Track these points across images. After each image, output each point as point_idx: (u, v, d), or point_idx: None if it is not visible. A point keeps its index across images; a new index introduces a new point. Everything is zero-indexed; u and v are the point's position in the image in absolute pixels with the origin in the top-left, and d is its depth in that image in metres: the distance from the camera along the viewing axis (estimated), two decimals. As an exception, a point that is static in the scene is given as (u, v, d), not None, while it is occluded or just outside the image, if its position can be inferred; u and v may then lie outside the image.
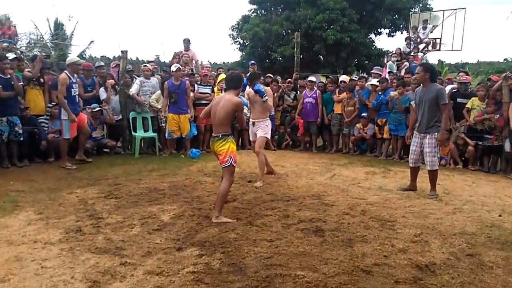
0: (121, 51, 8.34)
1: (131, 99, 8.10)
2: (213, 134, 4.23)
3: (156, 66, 9.99)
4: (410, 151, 5.40)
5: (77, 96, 6.74)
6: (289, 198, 4.89)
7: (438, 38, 14.36)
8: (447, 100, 5.25)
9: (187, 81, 8.05)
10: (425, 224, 3.99)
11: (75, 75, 6.80)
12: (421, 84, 5.31)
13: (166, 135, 7.95)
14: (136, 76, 8.68)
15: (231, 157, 4.08)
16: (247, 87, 5.98)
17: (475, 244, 3.47)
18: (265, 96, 5.51)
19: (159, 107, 8.05)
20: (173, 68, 7.94)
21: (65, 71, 6.56)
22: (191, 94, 8.29)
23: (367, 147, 8.78)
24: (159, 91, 8.17)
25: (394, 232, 3.73)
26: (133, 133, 8.02)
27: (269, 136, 6.02)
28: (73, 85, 6.57)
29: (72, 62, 6.67)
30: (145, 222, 3.93)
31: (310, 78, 9.37)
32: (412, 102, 7.35)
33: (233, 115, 4.16)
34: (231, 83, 4.35)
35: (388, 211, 4.41)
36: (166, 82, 7.91)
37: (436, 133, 5.09)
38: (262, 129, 5.75)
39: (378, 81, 8.56)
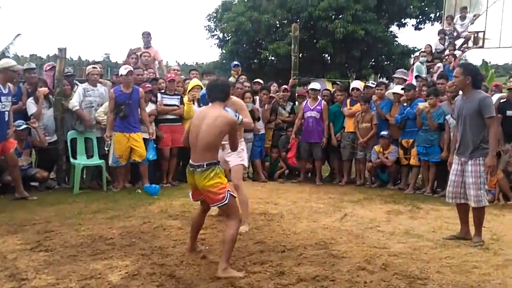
0: (58, 48, 8.37)
1: (70, 113, 8.08)
2: (191, 163, 4.24)
3: (103, 69, 10.04)
4: (449, 182, 5.43)
5: (6, 113, 6.82)
6: (284, 248, 4.85)
7: (481, 32, 14.72)
8: (495, 113, 5.28)
9: (141, 89, 8.10)
10: (468, 282, 3.99)
11: (8, 84, 6.89)
12: (461, 92, 5.39)
13: (110, 161, 7.93)
14: (78, 83, 8.71)
15: (227, 190, 4.14)
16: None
17: (535, 310, 3.48)
18: (238, 116, 5.17)
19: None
20: (122, 70, 7.97)
21: None
22: (152, 106, 8.31)
23: (388, 177, 8.86)
24: (107, 103, 8.18)
25: (426, 294, 3.72)
26: (71, 160, 7.99)
27: (246, 163, 5.98)
28: (2, 98, 6.66)
29: (5, 67, 6.75)
30: (86, 285, 3.85)
31: (312, 85, 9.51)
32: (448, 117, 7.52)
33: (223, 137, 4.22)
34: (216, 94, 4.38)
35: (418, 264, 4.41)
36: (112, 90, 7.97)
37: (481, 158, 5.11)
38: (236, 154, 5.57)
39: (402, 89, 8.72)
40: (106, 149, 7.94)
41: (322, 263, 4.40)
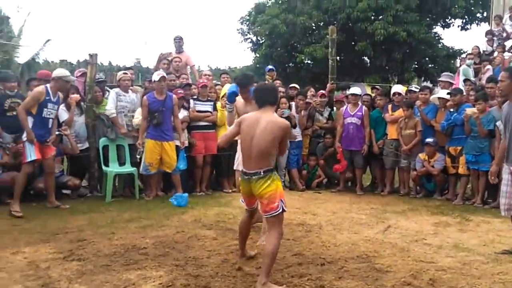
0: (89, 54, 8.58)
1: (101, 120, 8.26)
2: (246, 171, 4.28)
3: (134, 74, 10.20)
4: (501, 193, 5.34)
5: (50, 120, 7.08)
6: (324, 260, 4.83)
7: (532, 32, 14.36)
8: None
9: (174, 95, 8.20)
10: (524, 300, 3.88)
11: (59, 93, 7.16)
12: (508, 97, 5.32)
13: (141, 169, 8.05)
14: (109, 89, 8.89)
15: (281, 201, 4.17)
16: (236, 95, 5.73)
17: None
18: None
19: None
20: (155, 76, 8.08)
21: (46, 85, 7.02)
22: (184, 112, 8.41)
23: (435, 187, 8.73)
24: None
25: (479, 312, 3.64)
26: (104, 167, 8.13)
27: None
28: (49, 104, 6.95)
29: (59, 76, 7.05)
30: (120, 295, 3.91)
31: (352, 90, 9.47)
32: (499, 123, 7.35)
33: (277, 143, 4.26)
34: (266, 97, 4.40)
35: (468, 280, 4.32)
36: (145, 97, 8.08)
37: None
38: None
39: (448, 93, 8.58)
40: (138, 156, 8.07)
41: (365, 277, 4.35)
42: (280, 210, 4.14)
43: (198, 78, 10.03)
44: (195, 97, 8.85)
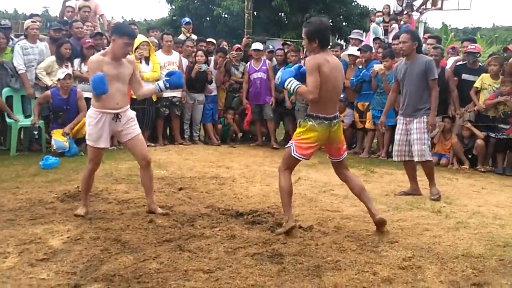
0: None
1: (4, 69, 7.78)
2: (327, 116, 4.24)
3: (41, 23, 9.66)
4: (395, 142, 5.97)
5: None
6: (236, 212, 4.92)
7: (439, -7, 14.97)
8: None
9: (79, 90, 7.91)
10: (418, 244, 4.15)
11: None
12: (404, 57, 5.81)
13: (54, 147, 7.60)
14: (13, 38, 8.40)
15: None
16: None
17: (483, 270, 3.65)
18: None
19: (49, 83, 7.83)
20: (60, 74, 7.66)
21: None
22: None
23: (344, 141, 9.01)
24: (49, 59, 8.02)
25: (377, 256, 3.85)
26: (7, 119, 7.77)
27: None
28: None
29: None
30: (25, 250, 3.79)
31: (255, 46, 9.43)
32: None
33: None
34: (328, 35, 4.41)
35: (370, 227, 4.55)
36: (49, 91, 7.72)
37: (425, 116, 5.70)
38: (134, 123, 4.83)
39: (358, 50, 8.80)
40: (35, 132, 7.82)
41: (273, 226, 4.49)
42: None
43: (108, 28, 9.61)
44: (107, 47, 8.48)
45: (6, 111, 7.69)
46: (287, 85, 4.28)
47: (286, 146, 4.47)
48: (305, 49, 9.54)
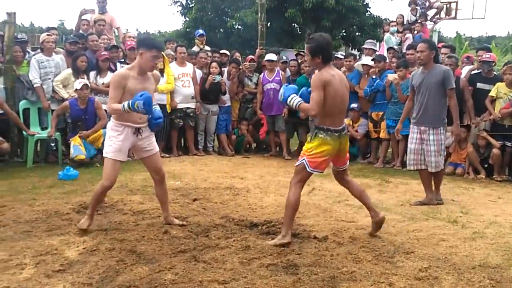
0: (7, 13, 8.14)
1: (21, 82, 7.89)
2: (336, 128, 4.34)
3: (57, 36, 9.80)
4: (408, 150, 5.98)
5: None
6: (250, 222, 4.91)
7: (453, 2, 14.92)
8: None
9: (97, 99, 7.95)
10: (435, 254, 4.12)
11: None
12: (421, 66, 5.83)
13: (72, 154, 7.67)
14: (29, 51, 8.52)
15: None
16: None
17: (501, 281, 3.61)
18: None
19: (66, 96, 7.93)
20: (77, 84, 7.72)
21: None
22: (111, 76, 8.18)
23: (358, 151, 9.00)
24: (66, 71, 8.09)
25: (393, 266, 3.83)
26: (24, 132, 7.83)
27: None
28: None
29: None
30: (42, 261, 3.81)
31: (268, 56, 9.46)
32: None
33: None
34: (331, 51, 4.49)
35: (386, 237, 4.53)
36: (67, 102, 7.77)
37: (441, 127, 5.76)
38: (152, 138, 4.78)
39: (372, 60, 8.79)
40: (52, 144, 7.95)
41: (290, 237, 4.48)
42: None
43: (124, 40, 9.71)
44: (122, 60, 8.61)
45: (21, 127, 7.78)
46: (290, 101, 4.35)
47: (297, 164, 4.47)
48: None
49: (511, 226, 5.05)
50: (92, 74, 8.28)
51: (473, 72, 8.29)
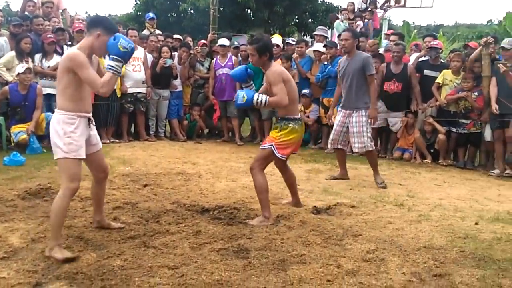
0: None
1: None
2: (299, 116, 4.78)
3: (2, 18, 9.40)
4: (332, 131, 6.34)
5: None
6: (202, 207, 4.91)
7: (403, -10, 15.20)
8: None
9: (39, 86, 7.72)
10: (382, 236, 4.22)
11: None
12: (346, 54, 6.19)
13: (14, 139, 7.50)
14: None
15: None
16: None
17: (445, 261, 3.74)
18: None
19: (10, 79, 7.65)
20: (20, 68, 7.46)
21: None
22: (58, 59, 7.92)
23: (309, 136, 9.08)
24: (9, 54, 7.85)
25: (342, 249, 3.90)
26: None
27: None
28: None
29: None
30: (-16, 249, 3.71)
31: (221, 41, 9.43)
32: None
33: None
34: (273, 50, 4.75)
35: (334, 221, 4.60)
36: (7, 87, 7.54)
37: (363, 110, 6.07)
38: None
39: (324, 46, 8.86)
40: None
41: (239, 222, 4.50)
42: None
43: (71, 23, 9.42)
44: (69, 42, 8.36)
45: None
46: (256, 100, 4.45)
47: (263, 147, 4.66)
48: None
49: (455, 209, 5.23)
50: (37, 56, 8.01)
51: (420, 59, 8.47)
